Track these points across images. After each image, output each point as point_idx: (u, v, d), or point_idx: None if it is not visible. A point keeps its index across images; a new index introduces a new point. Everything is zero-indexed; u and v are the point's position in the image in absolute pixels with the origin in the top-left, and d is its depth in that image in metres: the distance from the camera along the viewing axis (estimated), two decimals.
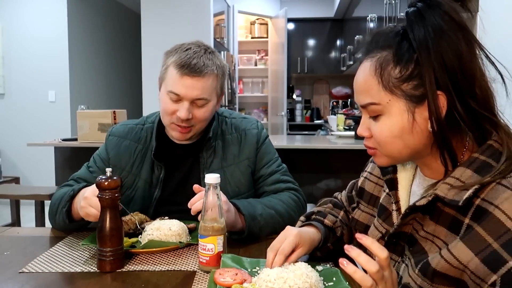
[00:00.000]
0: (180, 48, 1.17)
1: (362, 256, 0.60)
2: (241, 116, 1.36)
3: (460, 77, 0.65)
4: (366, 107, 0.72)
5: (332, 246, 0.95)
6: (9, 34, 4.56)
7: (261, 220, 1.10)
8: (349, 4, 5.29)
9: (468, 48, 0.65)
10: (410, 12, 0.68)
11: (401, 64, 0.67)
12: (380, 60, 0.69)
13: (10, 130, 4.61)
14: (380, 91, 0.69)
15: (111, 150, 1.28)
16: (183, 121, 1.15)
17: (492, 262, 0.58)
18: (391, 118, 0.69)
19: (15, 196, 2.92)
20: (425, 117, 0.68)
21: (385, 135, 0.71)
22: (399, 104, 0.68)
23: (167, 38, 4.04)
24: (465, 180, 0.65)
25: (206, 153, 1.25)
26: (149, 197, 1.24)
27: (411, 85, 0.67)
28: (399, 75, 0.67)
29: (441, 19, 0.65)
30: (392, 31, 0.71)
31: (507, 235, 0.58)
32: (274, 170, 1.29)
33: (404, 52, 0.67)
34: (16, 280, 0.87)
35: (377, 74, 0.69)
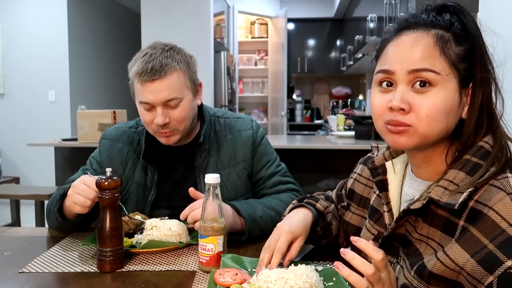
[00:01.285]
0: (138, 57, 1.14)
1: (357, 259, 0.60)
2: (235, 115, 1.32)
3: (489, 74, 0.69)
4: (420, 72, 0.66)
5: (321, 231, 0.95)
6: (9, 34, 4.56)
7: (262, 222, 1.09)
8: (349, 4, 5.29)
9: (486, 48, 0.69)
10: (456, 7, 0.70)
11: (460, 44, 0.68)
12: (441, 35, 0.68)
13: (10, 130, 4.61)
14: (442, 62, 0.67)
15: (103, 153, 1.27)
16: (163, 127, 1.13)
17: (488, 263, 0.58)
18: (446, 92, 0.66)
19: (15, 196, 2.92)
20: (464, 102, 0.69)
21: (437, 109, 0.66)
22: (455, 80, 0.68)
23: (167, 38, 4.00)
24: (459, 183, 0.65)
25: (200, 157, 1.23)
26: (143, 200, 1.24)
27: (464, 66, 0.68)
28: (458, 53, 0.67)
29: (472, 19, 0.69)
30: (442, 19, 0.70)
31: (502, 236, 0.58)
32: (273, 171, 1.27)
33: (462, 35, 0.68)
34: (16, 280, 0.87)
35: (439, 46, 0.67)
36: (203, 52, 4.11)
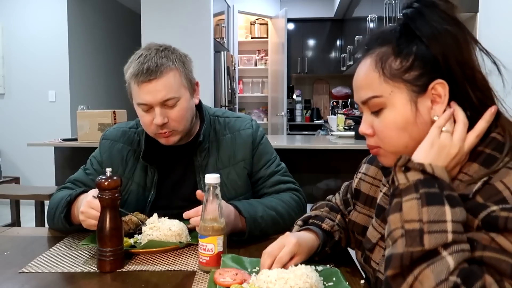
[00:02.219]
0: (133, 59, 1.14)
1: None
2: (235, 115, 1.32)
3: (461, 67, 0.67)
4: (367, 102, 0.72)
5: (330, 250, 0.94)
6: (9, 34, 4.56)
7: (262, 222, 1.09)
8: (349, 4, 5.29)
9: (465, 41, 0.68)
10: (409, 12, 0.70)
11: (402, 56, 0.69)
12: (380, 55, 0.71)
13: (10, 130, 4.61)
14: (381, 83, 0.70)
15: (104, 154, 1.27)
16: (162, 127, 1.13)
17: (475, 209, 0.60)
18: (394, 110, 0.70)
19: (15, 196, 2.92)
20: (427, 107, 0.69)
21: (390, 129, 0.71)
22: (402, 94, 0.69)
23: (167, 38, 4.00)
24: (473, 174, 0.66)
25: (200, 156, 1.23)
26: (144, 200, 1.24)
27: (412, 75, 0.68)
28: (400, 66, 0.69)
29: (439, 15, 0.68)
30: (389, 29, 0.73)
31: (496, 197, 0.59)
32: (273, 171, 1.27)
33: (403, 45, 0.69)
34: (16, 280, 0.87)
35: (378, 67, 0.71)
36: (203, 52, 4.11)
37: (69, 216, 1.11)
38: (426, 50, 0.67)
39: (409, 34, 0.69)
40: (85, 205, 1.00)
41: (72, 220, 1.12)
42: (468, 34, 0.68)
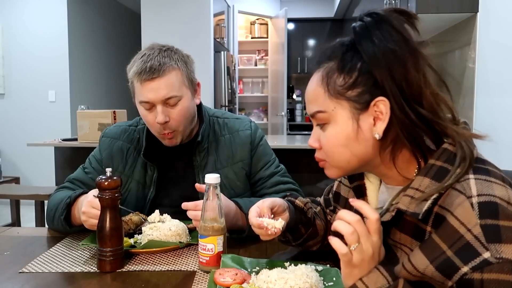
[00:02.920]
0: (136, 58, 1.16)
1: (337, 221, 0.63)
2: (234, 116, 1.34)
3: (406, 85, 0.66)
4: (314, 115, 0.74)
5: (303, 229, 0.94)
6: (9, 34, 4.56)
7: None
8: (349, 4, 5.29)
9: (413, 59, 0.66)
10: (358, 27, 0.70)
11: (345, 72, 0.69)
12: (327, 70, 0.72)
13: (10, 130, 4.61)
14: (326, 99, 0.71)
15: (104, 151, 1.28)
16: (164, 127, 1.14)
17: (446, 269, 0.58)
18: (336, 126, 0.71)
19: (15, 196, 2.92)
20: (369, 124, 0.69)
21: (332, 144, 0.72)
22: (344, 111, 0.70)
23: (167, 38, 4.01)
24: (424, 189, 0.65)
25: (199, 156, 1.24)
26: (143, 198, 1.24)
27: (355, 92, 0.69)
28: (343, 83, 0.69)
29: (387, 32, 0.67)
30: (340, 43, 0.73)
31: (460, 242, 0.57)
32: (272, 172, 1.28)
33: (348, 61, 0.69)
34: (16, 280, 0.87)
35: (324, 83, 0.71)
36: (203, 52, 4.11)
37: (69, 218, 1.12)
38: (368, 67, 0.67)
39: (355, 50, 0.69)
40: (87, 205, 1.00)
41: (72, 221, 1.12)
42: (417, 52, 0.67)
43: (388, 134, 0.68)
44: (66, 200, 1.11)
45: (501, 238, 0.55)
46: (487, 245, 0.55)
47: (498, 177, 0.61)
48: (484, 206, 0.57)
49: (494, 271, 0.54)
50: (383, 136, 0.68)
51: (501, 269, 0.54)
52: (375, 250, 0.63)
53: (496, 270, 0.54)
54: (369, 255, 0.63)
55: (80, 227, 1.09)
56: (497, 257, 0.54)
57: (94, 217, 0.98)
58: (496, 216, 0.56)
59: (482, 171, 0.62)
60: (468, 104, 2.40)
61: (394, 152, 0.70)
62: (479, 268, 0.55)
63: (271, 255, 1.01)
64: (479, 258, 0.55)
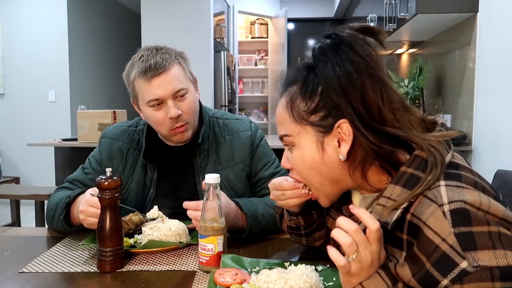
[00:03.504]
0: (133, 61, 1.16)
1: (336, 230, 0.62)
2: (234, 117, 1.33)
3: (363, 107, 0.65)
4: (282, 138, 0.75)
5: (316, 215, 0.93)
6: (9, 34, 4.56)
7: (262, 219, 1.10)
8: (349, 4, 5.29)
9: (371, 81, 0.66)
10: (316, 49, 0.70)
11: (307, 96, 0.69)
12: (291, 94, 0.72)
13: (10, 130, 4.61)
14: (291, 123, 0.72)
15: (103, 152, 1.28)
16: (177, 120, 1.14)
17: (427, 283, 0.58)
18: (301, 149, 0.72)
19: (15, 196, 2.92)
20: (334, 146, 0.69)
21: (300, 167, 0.74)
22: (308, 135, 0.70)
23: (167, 38, 4.04)
24: (396, 198, 0.64)
25: (199, 158, 1.24)
26: (143, 199, 1.24)
27: (318, 116, 0.69)
28: (306, 108, 0.70)
29: (345, 54, 0.66)
30: (301, 67, 0.73)
31: (436, 253, 0.57)
32: (273, 172, 1.27)
33: (309, 85, 0.69)
34: (16, 280, 0.87)
35: (288, 108, 0.72)
36: (203, 52, 4.11)
37: (69, 218, 1.12)
38: (330, 90, 0.67)
39: (315, 74, 0.69)
40: (84, 204, 1.00)
41: (72, 221, 1.12)
42: (375, 72, 0.66)
43: (356, 154, 0.68)
44: (65, 199, 1.11)
45: (476, 245, 0.55)
46: (463, 254, 0.55)
47: (470, 182, 0.61)
48: (456, 214, 0.57)
49: (473, 280, 0.54)
50: (351, 156, 0.68)
51: (479, 277, 0.54)
52: (374, 257, 0.62)
53: (475, 279, 0.54)
54: (368, 263, 0.62)
55: (79, 226, 1.09)
56: (474, 265, 0.54)
57: (92, 215, 0.98)
58: (469, 223, 0.56)
59: (453, 176, 0.62)
60: (468, 104, 2.40)
61: (363, 170, 0.69)
62: (458, 279, 0.54)
63: (271, 255, 1.01)
64: (457, 268, 0.55)
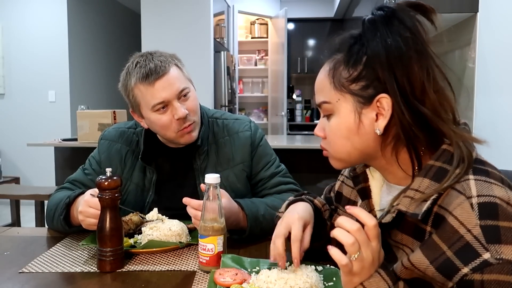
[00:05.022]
0: (129, 70, 1.15)
1: (337, 229, 0.62)
2: (233, 117, 1.32)
3: (407, 83, 0.65)
4: (320, 106, 0.75)
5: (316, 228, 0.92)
6: (9, 34, 4.56)
7: (263, 220, 1.10)
8: (349, 4, 5.29)
9: (419, 57, 0.66)
10: (367, 20, 0.70)
11: (350, 65, 0.70)
12: (334, 62, 0.73)
13: (10, 130, 4.61)
14: (331, 90, 0.72)
15: (102, 154, 1.27)
16: (184, 121, 1.14)
17: (446, 270, 0.58)
18: (339, 117, 0.72)
19: (15, 196, 2.92)
20: (371, 119, 0.69)
21: (334, 135, 0.73)
22: (347, 104, 0.70)
23: (167, 38, 4.04)
24: (424, 190, 0.65)
25: (199, 159, 1.23)
26: (142, 201, 1.24)
27: (359, 85, 0.69)
28: (347, 75, 0.70)
29: (396, 29, 0.66)
30: (348, 36, 0.73)
31: (460, 242, 0.57)
32: (273, 172, 1.27)
33: (354, 54, 0.70)
34: (16, 280, 0.87)
35: (330, 75, 0.72)
36: (203, 52, 4.11)
37: (69, 218, 1.11)
38: (377, 63, 0.67)
39: (362, 44, 0.69)
40: (83, 205, 1.00)
41: (72, 222, 1.12)
42: (424, 49, 0.66)
43: (390, 129, 0.68)
44: (65, 200, 1.11)
45: (501, 239, 0.55)
46: (487, 246, 0.55)
47: (498, 178, 0.62)
48: (484, 207, 0.57)
49: (494, 272, 0.54)
50: (385, 132, 0.68)
51: (501, 269, 0.54)
52: (374, 256, 0.63)
53: (496, 271, 0.54)
54: (369, 262, 0.62)
55: (79, 227, 1.09)
56: (497, 258, 0.54)
57: (91, 216, 0.98)
58: (496, 217, 0.56)
59: (481, 172, 0.62)
60: (468, 104, 2.40)
61: (396, 148, 0.70)
62: (479, 269, 0.55)
63: None
64: (479, 259, 0.55)
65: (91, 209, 0.98)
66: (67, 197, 1.12)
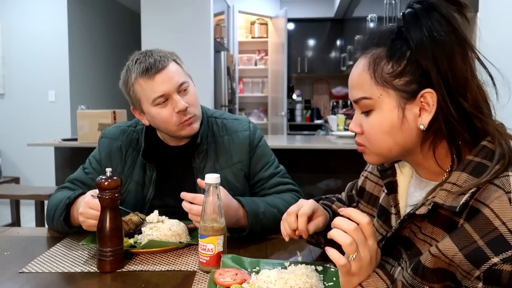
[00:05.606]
0: (129, 67, 1.17)
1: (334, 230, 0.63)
2: (233, 117, 1.33)
3: (452, 77, 0.66)
4: (358, 102, 0.73)
5: None
6: (9, 34, 4.56)
7: (263, 218, 1.10)
8: (349, 4, 5.29)
9: (461, 50, 0.66)
10: (407, 13, 0.69)
11: (394, 60, 0.69)
12: (374, 56, 0.71)
13: (10, 130, 4.61)
14: (372, 86, 0.70)
15: (103, 152, 1.28)
16: (184, 113, 1.15)
17: (475, 258, 0.59)
18: (381, 113, 0.70)
19: (15, 196, 2.92)
20: (414, 114, 0.69)
21: (375, 131, 0.71)
22: (390, 99, 0.69)
23: (167, 38, 4.04)
24: (462, 184, 0.65)
25: (198, 158, 1.24)
26: (142, 198, 1.24)
27: (403, 81, 0.68)
28: (391, 71, 0.69)
29: (437, 21, 0.66)
30: (388, 29, 0.72)
31: (493, 233, 0.58)
32: (272, 173, 1.28)
33: (397, 49, 0.69)
34: (16, 280, 0.87)
35: (370, 69, 0.71)
36: (203, 52, 4.11)
37: (69, 219, 1.12)
38: (421, 57, 0.66)
39: (403, 38, 0.69)
40: (84, 206, 1.00)
41: (72, 222, 1.12)
42: (467, 42, 0.67)
43: (432, 125, 0.68)
44: (65, 200, 1.11)
45: None
46: None
47: None
48: None
49: None
50: (427, 127, 0.68)
51: None
52: (372, 255, 0.63)
53: None
54: (367, 261, 0.63)
55: (79, 227, 1.09)
56: None
57: (92, 217, 0.98)
58: None
59: None
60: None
61: (434, 143, 0.70)
62: (509, 260, 0.56)
63: (271, 255, 1.01)
64: (511, 251, 0.56)
65: (92, 211, 0.98)
66: (67, 197, 1.12)
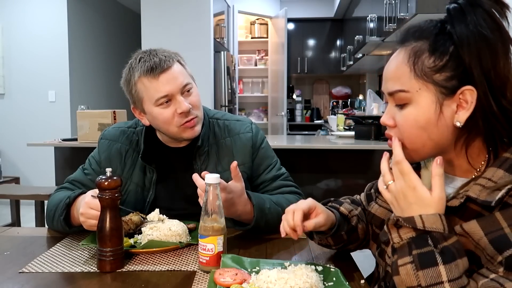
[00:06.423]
0: (132, 65, 1.16)
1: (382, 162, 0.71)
2: (235, 118, 1.32)
3: (494, 75, 0.65)
4: (394, 94, 0.72)
5: (346, 235, 0.93)
6: (9, 34, 4.56)
7: (268, 213, 1.10)
8: (349, 4, 5.29)
9: (504, 48, 0.66)
10: (452, 8, 0.69)
11: (436, 54, 0.68)
12: (415, 49, 0.70)
13: (10, 130, 4.61)
14: (411, 79, 0.69)
15: (102, 153, 1.27)
16: (186, 115, 1.14)
17: (499, 244, 0.59)
18: (418, 107, 0.69)
19: (15, 196, 2.92)
20: (452, 111, 0.68)
21: (409, 125, 0.70)
22: (429, 94, 0.68)
23: (167, 38, 4.04)
24: (497, 180, 0.65)
25: (199, 160, 1.23)
26: (142, 200, 1.23)
27: (443, 76, 0.67)
28: (432, 65, 0.68)
29: (482, 17, 0.66)
30: (430, 24, 0.71)
31: None
32: (275, 175, 1.27)
33: (440, 43, 0.68)
34: (16, 280, 0.87)
35: (410, 62, 0.70)
36: (203, 52, 4.11)
37: (69, 219, 1.11)
38: (465, 53, 0.66)
39: (447, 33, 0.68)
40: (84, 206, 1.00)
41: (72, 222, 1.12)
42: (509, 41, 0.66)
43: (468, 123, 0.68)
44: (65, 200, 1.11)
45: None
46: None
47: None
48: None
49: None
50: (464, 124, 0.68)
51: None
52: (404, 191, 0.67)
53: None
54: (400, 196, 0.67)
55: (79, 227, 1.09)
56: None
57: (93, 218, 0.98)
58: None
59: None
60: None
61: (468, 140, 0.70)
62: None
63: (271, 255, 1.01)
64: None
65: (92, 211, 0.98)
66: (67, 197, 1.12)
